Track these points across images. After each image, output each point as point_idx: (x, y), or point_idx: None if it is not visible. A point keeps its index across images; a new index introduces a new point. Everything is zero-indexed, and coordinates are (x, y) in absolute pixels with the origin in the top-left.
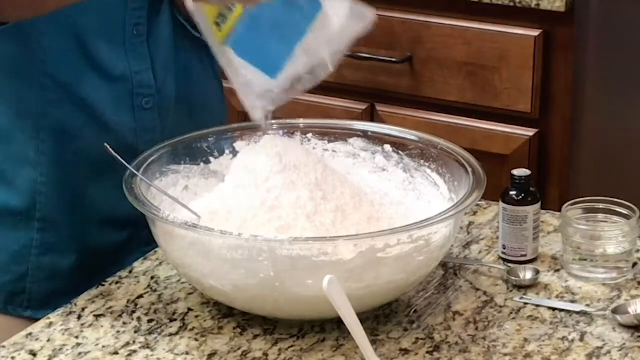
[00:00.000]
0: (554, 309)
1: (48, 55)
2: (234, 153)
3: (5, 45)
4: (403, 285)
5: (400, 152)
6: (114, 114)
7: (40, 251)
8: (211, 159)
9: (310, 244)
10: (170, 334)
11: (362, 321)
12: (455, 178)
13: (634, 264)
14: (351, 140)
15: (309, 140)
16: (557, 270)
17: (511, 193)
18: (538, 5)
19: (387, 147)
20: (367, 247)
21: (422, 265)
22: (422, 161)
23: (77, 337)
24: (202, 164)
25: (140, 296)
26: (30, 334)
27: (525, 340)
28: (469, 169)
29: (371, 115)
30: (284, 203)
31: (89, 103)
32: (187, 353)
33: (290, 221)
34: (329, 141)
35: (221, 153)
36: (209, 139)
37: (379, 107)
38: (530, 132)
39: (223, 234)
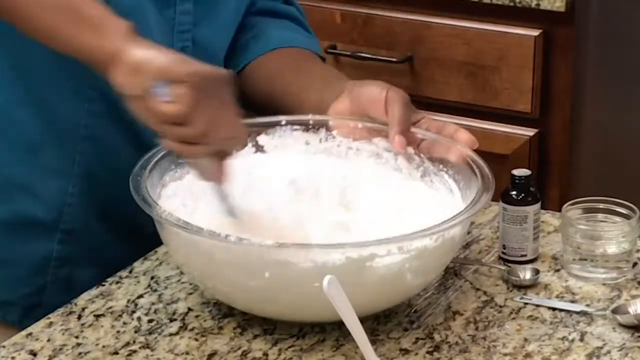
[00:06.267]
0: (554, 309)
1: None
2: (257, 147)
3: (52, 55)
4: (404, 292)
5: (422, 155)
6: (153, 134)
7: (59, 263)
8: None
9: (294, 250)
10: (170, 334)
11: (362, 321)
12: (468, 185)
13: (634, 264)
14: (375, 140)
15: (334, 138)
16: (557, 270)
17: (511, 193)
18: (538, 5)
19: (410, 149)
20: (356, 255)
21: (420, 276)
22: (440, 166)
23: (77, 337)
24: None
25: (140, 296)
26: (30, 333)
27: (525, 340)
28: (480, 181)
29: None
30: (304, 219)
31: (130, 120)
32: (187, 353)
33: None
34: (354, 139)
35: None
36: None
37: None
38: (530, 132)
39: (211, 235)
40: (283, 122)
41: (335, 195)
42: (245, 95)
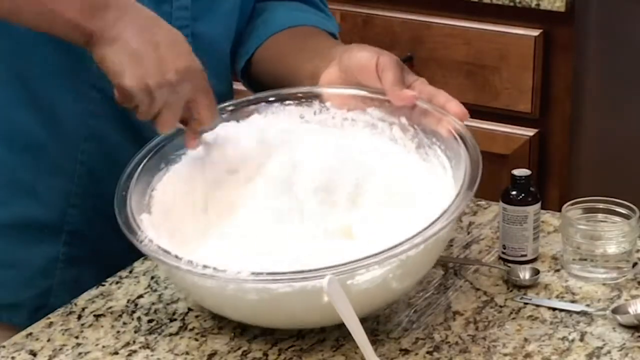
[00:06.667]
0: (554, 309)
1: (96, 68)
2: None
3: (53, 55)
4: (392, 297)
5: (416, 127)
6: (153, 130)
7: (65, 265)
8: None
9: (274, 279)
10: (170, 334)
11: (362, 321)
12: (457, 164)
13: (634, 264)
14: (369, 110)
15: (328, 109)
16: (557, 270)
17: (511, 193)
18: (538, 5)
19: (403, 119)
20: (336, 277)
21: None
22: (433, 139)
23: (77, 337)
24: None
25: (140, 296)
26: (30, 334)
27: (525, 340)
28: (467, 162)
29: None
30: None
31: (131, 118)
32: (187, 353)
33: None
34: (348, 109)
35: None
36: (222, 115)
37: None
38: (530, 132)
39: (188, 266)
40: (274, 98)
41: (336, 188)
42: (258, 80)
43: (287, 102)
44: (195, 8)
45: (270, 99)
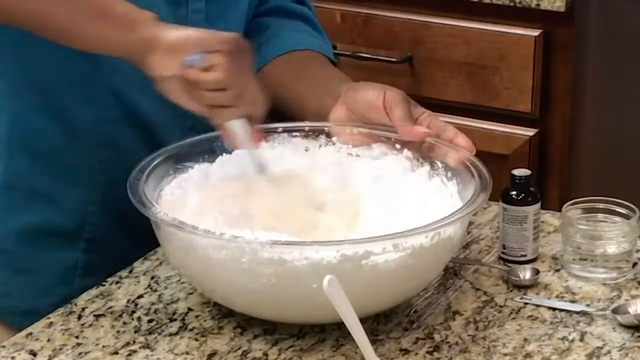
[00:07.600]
0: (554, 309)
1: (114, 75)
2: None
3: (69, 62)
4: (401, 292)
5: (420, 159)
6: (167, 135)
7: (84, 272)
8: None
9: (290, 248)
10: (170, 334)
11: (362, 321)
12: (466, 187)
13: (634, 264)
14: (374, 145)
15: (334, 144)
16: (557, 270)
17: (511, 193)
18: (538, 5)
19: (409, 152)
20: (351, 253)
21: (419, 275)
22: (440, 169)
23: (77, 337)
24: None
25: (140, 296)
26: (30, 333)
27: (525, 340)
28: (478, 181)
29: None
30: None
31: (145, 122)
32: (187, 353)
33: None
34: (353, 145)
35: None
36: None
37: None
38: (530, 132)
39: (206, 234)
40: (280, 130)
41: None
42: None
43: (294, 133)
44: (209, 11)
45: (279, 129)
